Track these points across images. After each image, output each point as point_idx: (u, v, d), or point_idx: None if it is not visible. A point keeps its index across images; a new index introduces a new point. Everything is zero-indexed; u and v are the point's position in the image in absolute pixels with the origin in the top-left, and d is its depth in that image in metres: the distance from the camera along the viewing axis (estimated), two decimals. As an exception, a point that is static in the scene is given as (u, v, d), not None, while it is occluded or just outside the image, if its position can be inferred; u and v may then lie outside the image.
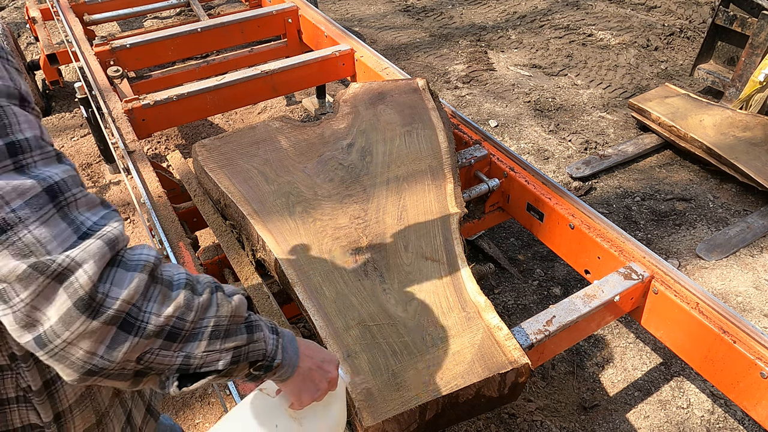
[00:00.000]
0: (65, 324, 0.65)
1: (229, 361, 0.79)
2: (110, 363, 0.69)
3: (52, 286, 0.64)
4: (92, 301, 0.66)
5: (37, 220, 0.64)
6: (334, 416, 1.03)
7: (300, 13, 3.34)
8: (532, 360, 1.45)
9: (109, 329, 0.67)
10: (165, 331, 0.72)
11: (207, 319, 0.77)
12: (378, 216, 1.73)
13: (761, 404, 1.50)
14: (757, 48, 3.39)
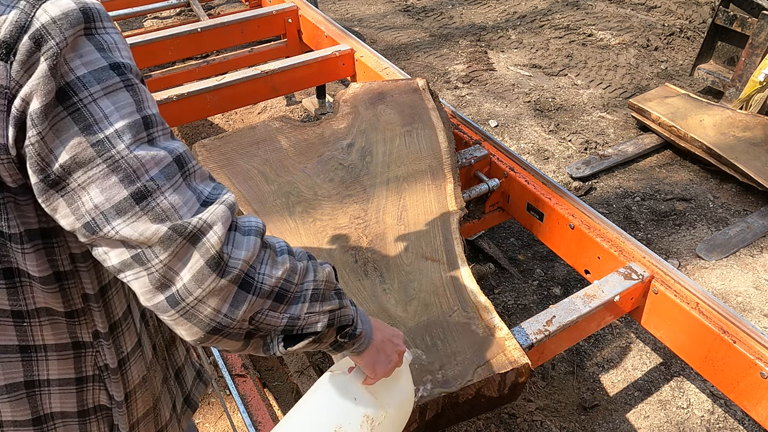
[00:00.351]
0: (198, 282, 0.71)
1: (326, 323, 0.84)
2: (232, 321, 0.74)
3: (186, 247, 0.70)
4: (221, 260, 0.71)
5: (171, 188, 0.70)
6: (404, 389, 1.10)
7: (300, 13, 3.34)
8: (532, 360, 1.45)
9: (232, 288, 0.73)
10: (275, 292, 0.77)
11: (307, 282, 0.82)
12: (378, 216, 1.73)
13: (761, 404, 1.50)
14: (757, 48, 3.39)
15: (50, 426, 0.88)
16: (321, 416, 1.03)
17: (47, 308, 0.80)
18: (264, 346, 0.82)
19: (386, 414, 1.05)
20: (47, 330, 0.82)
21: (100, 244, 0.71)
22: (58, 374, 0.86)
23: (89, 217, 0.68)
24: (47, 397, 0.86)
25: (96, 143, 0.67)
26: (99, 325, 0.86)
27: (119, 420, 0.94)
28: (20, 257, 0.75)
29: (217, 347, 0.80)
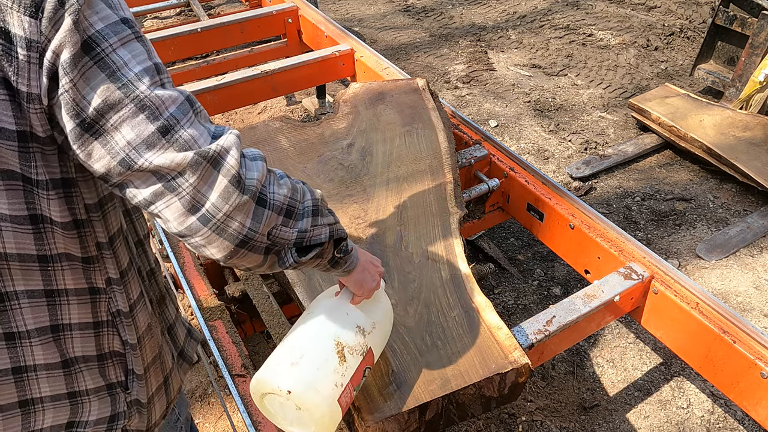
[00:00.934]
0: (224, 198, 0.81)
1: (327, 234, 0.97)
2: (255, 233, 0.85)
3: (210, 169, 0.80)
4: (240, 179, 0.82)
5: (187, 122, 0.80)
6: (384, 307, 1.28)
7: (300, 13, 3.34)
8: (532, 360, 1.45)
9: (251, 204, 0.84)
10: (284, 208, 0.89)
11: (307, 200, 0.94)
12: (378, 216, 1.73)
13: (761, 404, 1.50)
14: (757, 48, 3.39)
15: (76, 369, 0.95)
16: (320, 330, 1.16)
17: (67, 254, 0.88)
18: (279, 261, 0.93)
19: (374, 324, 1.22)
20: (68, 275, 0.89)
21: (132, 180, 0.79)
22: (79, 318, 0.93)
23: (124, 153, 0.77)
24: (70, 341, 0.93)
25: (122, 86, 0.76)
26: (111, 271, 0.94)
27: (134, 363, 1.01)
28: (45, 203, 0.83)
29: (242, 264, 0.90)
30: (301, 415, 1.11)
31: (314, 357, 1.12)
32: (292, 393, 1.07)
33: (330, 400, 1.09)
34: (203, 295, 1.71)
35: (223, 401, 1.90)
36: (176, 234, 0.84)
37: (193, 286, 1.74)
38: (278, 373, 1.10)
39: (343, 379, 1.12)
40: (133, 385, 1.02)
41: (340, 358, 1.13)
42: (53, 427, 0.96)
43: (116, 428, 1.02)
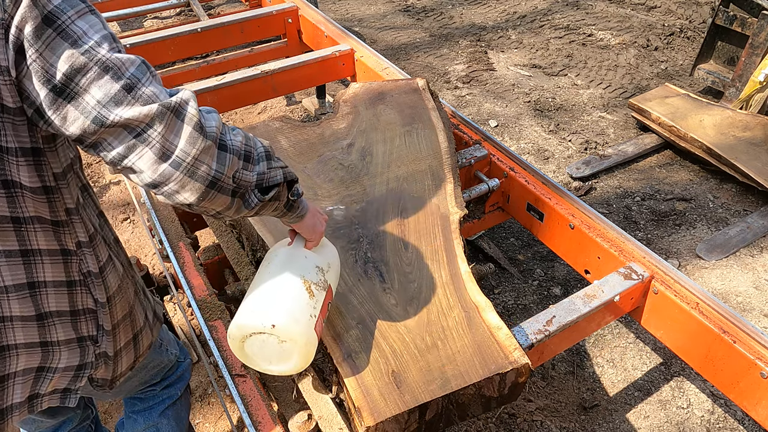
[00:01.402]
0: (191, 144, 0.91)
1: (281, 176, 1.08)
2: (221, 174, 0.95)
3: (174, 119, 0.90)
4: (201, 126, 0.92)
5: (147, 81, 0.90)
6: (333, 251, 1.40)
7: (300, 13, 3.34)
8: (532, 360, 1.45)
9: (214, 148, 0.94)
10: (242, 153, 0.99)
11: (260, 147, 1.05)
12: (378, 216, 1.73)
13: (761, 404, 1.50)
14: (757, 48, 3.39)
15: (50, 322, 1.04)
16: (287, 273, 1.26)
17: (38, 216, 0.97)
18: (244, 203, 1.03)
19: (329, 264, 1.35)
20: (41, 236, 0.98)
21: (105, 137, 0.89)
22: (53, 276, 1.02)
23: (96, 112, 0.86)
24: (45, 297, 1.02)
25: (85, 52, 0.85)
26: (80, 235, 1.04)
27: (103, 320, 1.12)
28: (15, 169, 0.91)
29: (212, 207, 0.99)
30: (284, 349, 1.22)
31: (288, 294, 1.23)
32: (276, 326, 1.18)
33: (308, 328, 1.22)
34: (203, 295, 1.71)
35: (223, 401, 1.90)
36: (150, 184, 0.93)
37: (193, 286, 1.74)
38: (259, 313, 1.20)
39: (315, 310, 1.24)
40: (102, 340, 1.13)
41: (309, 293, 1.25)
42: (25, 370, 1.05)
43: (83, 376, 1.13)
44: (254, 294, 1.25)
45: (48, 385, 1.10)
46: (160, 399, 1.53)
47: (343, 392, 1.35)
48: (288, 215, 1.19)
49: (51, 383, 1.10)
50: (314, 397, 1.43)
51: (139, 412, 1.53)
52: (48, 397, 1.11)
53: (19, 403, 1.07)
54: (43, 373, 1.08)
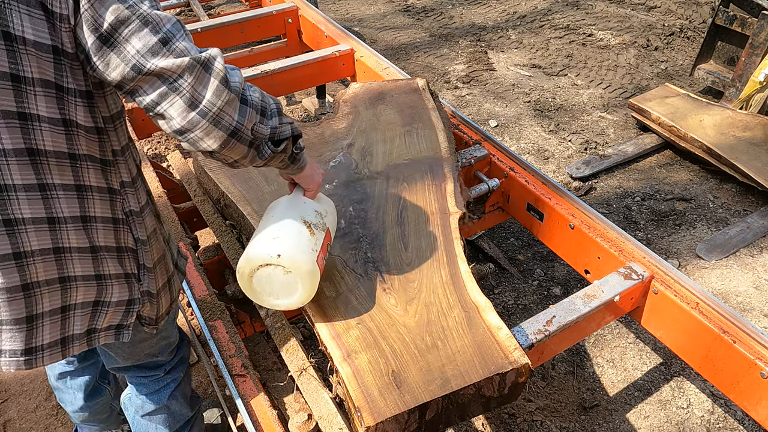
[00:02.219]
0: (217, 95, 1.03)
1: (290, 131, 1.20)
2: (242, 125, 1.07)
3: (203, 72, 1.02)
4: (227, 81, 1.04)
5: (180, 37, 1.01)
6: (329, 200, 1.54)
7: (300, 13, 3.34)
8: (532, 360, 1.45)
9: (236, 101, 1.06)
10: (259, 108, 1.11)
11: (272, 104, 1.17)
12: (378, 216, 1.73)
13: (761, 404, 1.50)
14: (757, 48, 3.39)
15: (102, 256, 1.16)
16: (288, 215, 1.39)
17: (90, 155, 1.08)
18: (258, 153, 1.16)
19: (327, 211, 1.48)
20: (92, 173, 1.10)
21: (141, 85, 1.00)
22: (101, 212, 1.14)
23: (135, 60, 0.97)
24: (96, 231, 1.14)
25: (129, 6, 0.97)
26: (124, 175, 1.16)
27: (144, 258, 1.24)
28: (73, 109, 1.03)
29: (231, 155, 1.11)
30: (289, 280, 1.34)
31: (290, 232, 1.36)
32: (281, 256, 1.30)
33: (311, 260, 1.34)
34: (203, 295, 1.71)
35: (223, 401, 1.90)
36: (178, 130, 1.04)
37: (193, 286, 1.74)
38: (266, 246, 1.32)
39: (316, 246, 1.38)
40: (144, 278, 1.25)
41: (310, 232, 1.38)
42: (84, 303, 1.17)
43: (132, 312, 1.25)
44: (260, 233, 1.37)
45: (104, 319, 1.21)
46: (164, 383, 1.60)
47: (343, 392, 1.35)
48: (291, 167, 1.32)
49: (106, 318, 1.21)
50: (314, 397, 1.43)
51: (148, 395, 1.61)
52: (104, 332, 1.23)
53: (79, 335, 1.18)
54: (99, 308, 1.20)
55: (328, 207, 1.51)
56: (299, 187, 1.47)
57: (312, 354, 1.54)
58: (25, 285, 1.07)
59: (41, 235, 1.06)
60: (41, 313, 1.11)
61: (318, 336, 1.43)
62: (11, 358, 1.12)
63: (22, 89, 0.96)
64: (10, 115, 0.96)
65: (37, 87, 0.97)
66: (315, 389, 1.44)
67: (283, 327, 1.58)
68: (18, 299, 1.07)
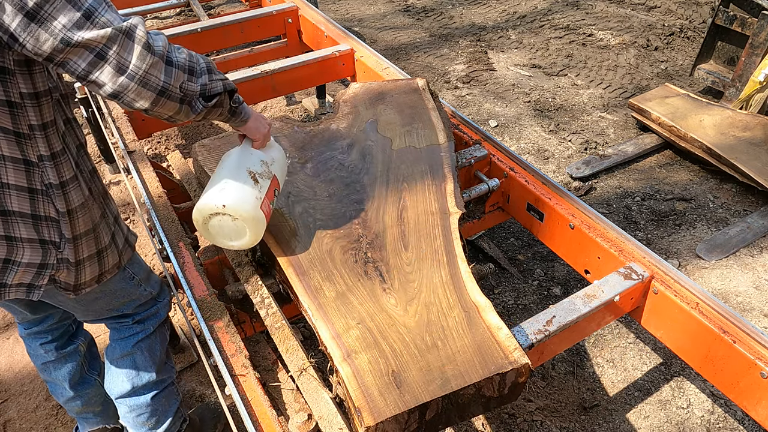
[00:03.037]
0: (141, 59, 1.13)
1: (221, 86, 1.30)
2: (169, 84, 1.18)
3: (126, 40, 1.11)
4: (150, 45, 1.14)
5: (103, 10, 1.10)
6: (279, 148, 1.65)
7: (300, 13, 3.34)
8: (532, 360, 1.45)
9: (161, 63, 1.16)
10: (187, 67, 1.22)
11: (202, 62, 1.28)
12: (378, 216, 1.73)
13: (761, 404, 1.50)
14: (757, 48, 3.39)
15: (13, 220, 1.26)
16: (233, 167, 1.52)
17: (3, 127, 1.17)
18: (192, 108, 1.26)
19: (273, 159, 1.60)
20: (4, 143, 1.19)
21: (71, 57, 1.09)
22: (15, 181, 1.23)
23: (62, 34, 1.06)
24: (7, 197, 1.24)
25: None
26: (42, 150, 1.24)
27: (65, 229, 1.33)
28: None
29: (164, 111, 1.22)
30: (237, 226, 1.50)
31: (235, 182, 1.49)
32: (226, 206, 1.46)
33: (255, 207, 1.49)
34: (203, 295, 1.71)
35: (223, 401, 1.90)
36: (112, 95, 1.14)
37: (193, 286, 1.74)
38: (213, 197, 1.47)
39: (260, 194, 1.51)
40: (64, 247, 1.34)
41: (254, 181, 1.51)
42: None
43: (44, 275, 1.34)
44: (210, 185, 1.51)
45: (14, 277, 1.31)
46: (133, 332, 1.72)
47: (343, 392, 1.35)
48: (232, 120, 1.43)
49: (16, 276, 1.31)
50: (314, 397, 1.43)
51: (116, 340, 1.73)
52: (15, 288, 1.32)
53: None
54: (9, 265, 1.29)
55: (275, 154, 1.62)
56: (247, 138, 1.58)
57: (312, 354, 1.54)
58: None
59: None
60: None
61: (318, 336, 1.43)
62: None
63: None
64: None
65: None
66: (315, 389, 1.44)
67: (283, 327, 1.58)
68: None
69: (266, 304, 1.64)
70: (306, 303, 1.49)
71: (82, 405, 1.87)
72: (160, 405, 1.82)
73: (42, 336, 1.75)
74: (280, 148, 1.66)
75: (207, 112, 1.30)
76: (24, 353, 2.48)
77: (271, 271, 1.77)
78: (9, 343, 2.54)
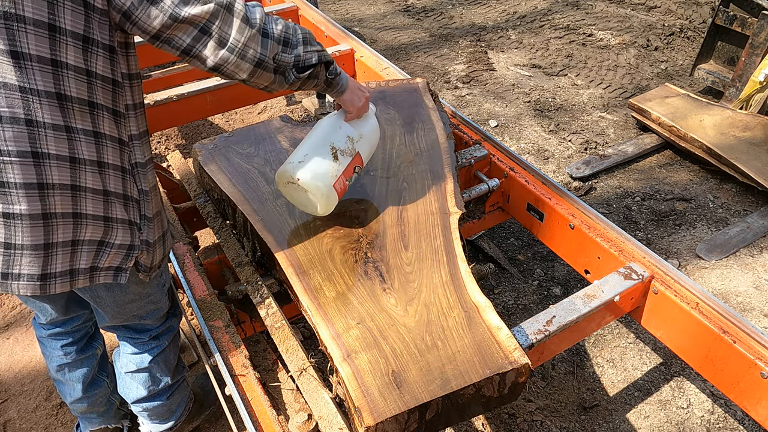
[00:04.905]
0: (240, 32, 1.21)
1: (317, 58, 1.35)
2: (265, 56, 1.26)
3: (226, 14, 1.19)
4: (248, 19, 1.22)
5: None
6: (372, 123, 1.68)
7: (300, 13, 3.34)
8: (532, 360, 1.45)
9: (258, 36, 1.24)
10: (282, 39, 1.28)
11: (299, 34, 1.32)
12: (378, 216, 1.73)
13: (761, 404, 1.50)
14: (757, 48, 3.39)
15: (111, 200, 1.29)
16: (319, 138, 1.59)
17: (105, 105, 1.21)
18: (285, 79, 1.32)
19: (361, 135, 1.62)
20: (106, 122, 1.23)
21: (176, 33, 1.17)
22: (113, 160, 1.27)
23: (171, 10, 1.14)
24: (108, 177, 1.27)
25: None
26: (133, 129, 1.30)
27: (146, 208, 1.38)
28: (95, 59, 1.16)
29: (261, 82, 1.30)
30: (309, 197, 1.58)
31: (315, 156, 1.54)
32: (300, 180, 1.53)
33: (327, 185, 1.55)
34: (203, 295, 1.71)
35: (223, 401, 1.90)
36: (213, 67, 1.22)
37: (193, 286, 1.74)
38: (291, 167, 1.55)
39: (337, 171, 1.56)
40: (144, 228, 1.38)
41: (333, 157, 1.56)
42: (91, 241, 1.29)
43: (131, 256, 1.37)
44: (296, 151, 1.58)
45: (106, 259, 1.32)
46: (148, 347, 1.72)
47: (343, 392, 1.35)
48: (328, 90, 1.47)
49: (108, 258, 1.33)
50: (314, 397, 1.43)
51: (129, 354, 1.73)
52: (104, 272, 1.34)
53: (84, 270, 1.30)
54: (103, 247, 1.31)
55: (365, 129, 1.64)
56: (342, 110, 1.61)
57: (312, 354, 1.54)
58: (45, 214, 1.19)
59: (62, 171, 1.18)
60: (56, 242, 1.23)
61: (318, 336, 1.43)
62: (29, 282, 1.23)
63: (56, 38, 1.09)
64: (45, 61, 1.09)
65: (69, 38, 1.10)
66: (315, 389, 1.44)
67: (283, 327, 1.58)
68: (38, 226, 1.19)
69: (266, 304, 1.64)
70: (306, 303, 1.49)
71: (88, 406, 1.87)
72: (174, 401, 1.86)
73: (64, 337, 1.75)
74: (374, 122, 1.67)
75: (301, 83, 1.35)
76: (24, 353, 2.49)
77: (271, 271, 1.77)
78: (9, 343, 2.54)
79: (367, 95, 1.60)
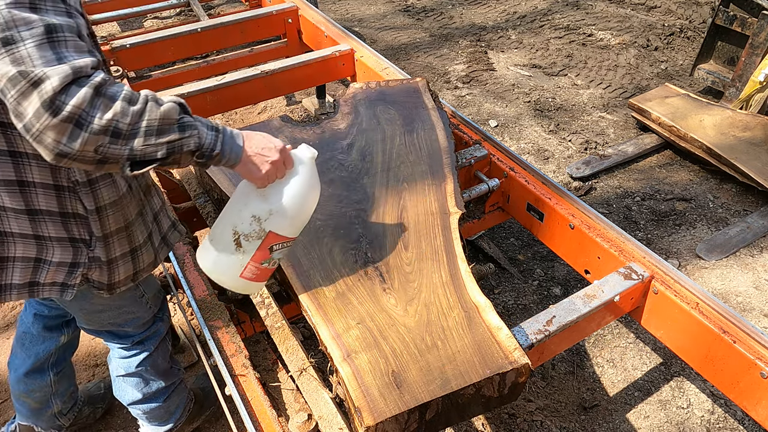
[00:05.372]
0: (36, 118, 0.95)
1: (165, 152, 1.07)
2: (72, 150, 0.99)
3: (29, 89, 0.94)
4: (52, 105, 0.94)
5: (34, 43, 0.94)
6: (293, 188, 1.32)
7: (300, 13, 3.34)
8: (532, 360, 1.45)
9: (66, 126, 0.96)
10: (109, 130, 1.00)
11: (141, 122, 1.03)
12: (378, 216, 1.73)
13: (761, 404, 1.50)
14: (757, 48, 3.39)
15: (39, 219, 1.24)
16: (224, 221, 1.36)
17: None
18: (121, 169, 1.07)
19: (270, 211, 1.31)
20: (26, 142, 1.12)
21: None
22: (40, 179, 1.19)
23: None
24: (33, 195, 1.21)
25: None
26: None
27: (94, 227, 1.29)
28: None
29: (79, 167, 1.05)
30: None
31: (217, 245, 1.35)
32: (205, 271, 1.38)
33: (232, 277, 1.36)
34: (203, 295, 1.71)
35: (223, 401, 1.90)
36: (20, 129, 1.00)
37: (193, 286, 1.74)
38: (200, 255, 1.39)
39: (242, 261, 1.34)
40: (95, 245, 1.31)
41: (236, 245, 1.33)
42: (24, 258, 1.27)
43: (76, 273, 1.32)
44: (210, 231, 1.41)
45: (46, 275, 1.30)
46: (133, 352, 1.69)
47: (343, 392, 1.35)
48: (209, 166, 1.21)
49: (48, 275, 1.30)
50: (314, 397, 1.43)
51: (117, 359, 1.72)
52: (48, 287, 1.32)
53: (19, 285, 1.29)
54: (41, 264, 1.29)
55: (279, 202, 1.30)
56: None
57: (312, 354, 1.54)
58: None
59: None
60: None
61: (318, 336, 1.43)
62: None
63: None
64: None
65: None
66: (315, 389, 1.44)
67: (283, 327, 1.58)
68: None
69: (266, 304, 1.64)
70: (306, 303, 1.49)
71: (24, 392, 1.84)
72: (171, 403, 1.86)
73: (41, 306, 1.74)
74: (300, 182, 1.33)
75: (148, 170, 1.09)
76: (24, 353, 2.48)
77: (271, 271, 1.77)
78: (9, 343, 2.54)
79: (276, 156, 1.25)
